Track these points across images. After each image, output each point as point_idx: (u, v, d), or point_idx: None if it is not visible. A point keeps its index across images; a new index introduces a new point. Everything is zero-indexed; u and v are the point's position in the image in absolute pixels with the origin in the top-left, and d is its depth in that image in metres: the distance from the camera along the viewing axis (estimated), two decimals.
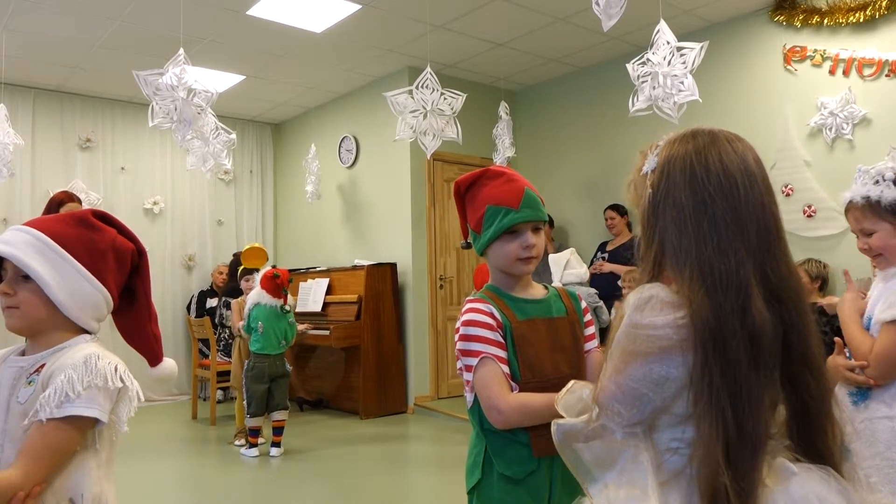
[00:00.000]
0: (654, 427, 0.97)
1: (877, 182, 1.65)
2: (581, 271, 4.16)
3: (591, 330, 1.57)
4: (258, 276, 4.65)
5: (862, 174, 1.71)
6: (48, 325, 1.25)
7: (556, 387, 1.38)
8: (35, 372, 1.23)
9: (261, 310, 4.51)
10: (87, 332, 1.29)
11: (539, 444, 1.37)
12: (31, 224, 1.26)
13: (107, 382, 1.21)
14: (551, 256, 4.27)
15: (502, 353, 1.39)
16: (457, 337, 1.46)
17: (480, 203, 1.50)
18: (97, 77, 6.14)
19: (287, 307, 4.60)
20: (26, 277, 1.21)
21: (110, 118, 6.80)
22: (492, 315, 1.42)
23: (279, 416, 4.57)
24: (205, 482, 4.12)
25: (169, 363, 1.42)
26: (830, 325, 3.36)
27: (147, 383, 5.77)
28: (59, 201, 4.72)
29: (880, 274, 1.71)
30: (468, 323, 1.42)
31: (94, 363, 1.21)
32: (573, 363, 1.47)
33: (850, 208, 1.73)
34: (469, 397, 1.46)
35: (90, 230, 1.28)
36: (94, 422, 1.20)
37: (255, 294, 4.56)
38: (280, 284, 4.53)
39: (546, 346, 1.44)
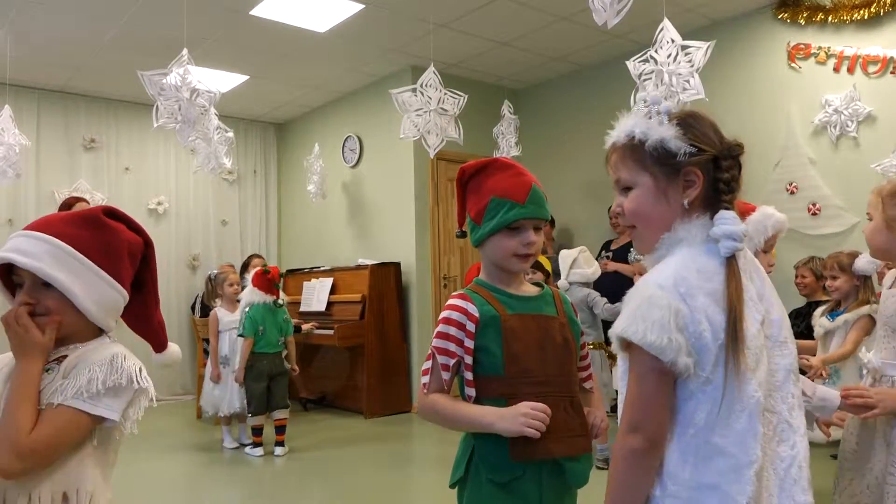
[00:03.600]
0: None
1: (649, 116, 1.12)
2: (588, 272, 4.10)
3: (586, 361, 1.54)
4: (249, 277, 4.69)
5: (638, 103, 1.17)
6: (72, 329, 1.25)
7: (541, 384, 1.38)
8: (54, 361, 1.23)
9: (257, 309, 4.52)
10: (103, 330, 1.30)
11: (516, 449, 1.33)
12: (41, 227, 1.23)
13: (131, 382, 1.22)
14: (561, 252, 4.24)
15: (466, 358, 1.40)
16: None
17: (485, 193, 1.46)
18: (101, 78, 6.15)
19: (280, 301, 4.61)
20: (46, 285, 1.20)
21: (114, 119, 6.81)
22: (464, 311, 1.41)
23: (280, 414, 4.57)
24: (209, 481, 4.13)
25: (174, 348, 1.43)
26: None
27: (153, 383, 5.75)
28: (69, 206, 4.80)
29: (646, 261, 1.18)
30: (446, 321, 1.43)
31: (119, 363, 1.22)
32: (562, 365, 1.42)
33: (610, 152, 1.19)
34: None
35: (104, 231, 1.26)
36: (102, 420, 1.20)
37: (248, 293, 4.57)
38: (271, 280, 4.55)
39: (535, 344, 1.40)
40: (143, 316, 1.37)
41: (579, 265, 4.12)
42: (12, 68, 5.67)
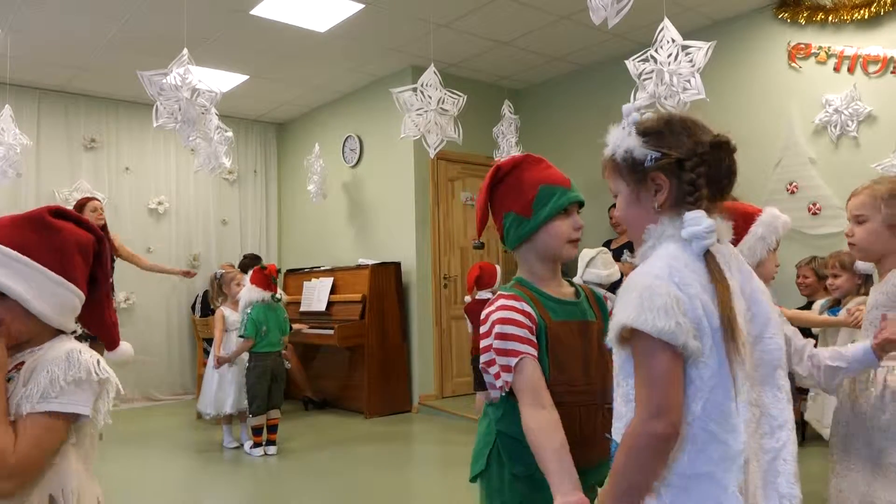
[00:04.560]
0: None
1: (623, 127, 1.21)
2: (603, 273, 4.04)
3: None
4: (246, 278, 4.68)
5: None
6: (28, 335, 1.25)
7: (584, 393, 1.38)
8: (13, 369, 1.22)
9: (259, 310, 4.52)
10: (62, 331, 1.29)
11: None
12: None
13: (90, 374, 1.21)
14: (582, 251, 4.20)
15: (535, 353, 1.34)
16: (485, 328, 1.38)
17: (530, 185, 1.44)
18: (102, 77, 6.16)
19: (279, 296, 4.63)
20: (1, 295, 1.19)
21: (115, 118, 6.81)
22: (527, 314, 1.37)
23: (274, 414, 4.61)
24: (209, 481, 4.13)
25: (125, 346, 1.42)
26: None
27: (154, 383, 5.78)
28: (81, 206, 4.85)
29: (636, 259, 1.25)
30: (505, 321, 1.35)
31: (76, 357, 1.22)
32: (602, 373, 1.42)
33: (603, 165, 1.26)
34: (495, 394, 1.40)
35: (52, 233, 1.25)
36: (76, 417, 1.20)
37: (247, 292, 4.57)
38: (269, 275, 4.56)
39: (578, 351, 1.40)
40: (96, 313, 1.36)
41: (596, 266, 4.07)
42: (12, 68, 5.67)
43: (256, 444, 4.56)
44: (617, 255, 5.18)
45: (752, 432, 1.07)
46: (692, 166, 1.11)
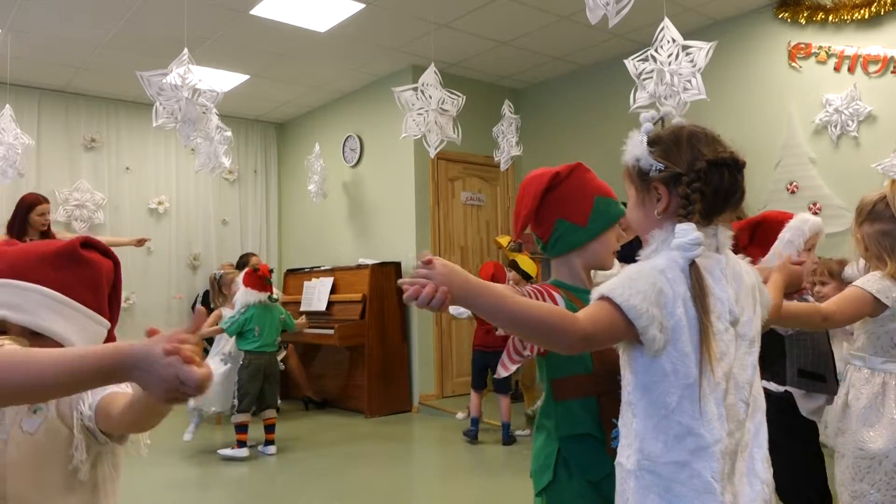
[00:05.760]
0: None
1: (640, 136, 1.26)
2: (606, 273, 4.12)
3: None
4: (239, 279, 4.68)
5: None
6: None
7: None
8: None
9: (253, 311, 4.52)
10: None
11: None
12: (23, 272, 1.17)
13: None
14: None
15: None
16: None
17: (588, 193, 1.48)
18: (102, 77, 6.16)
19: (275, 296, 4.63)
20: (35, 333, 1.16)
21: (115, 118, 6.81)
22: (553, 299, 1.40)
23: (270, 414, 4.60)
24: (209, 481, 4.13)
25: None
26: None
27: None
28: (29, 204, 4.55)
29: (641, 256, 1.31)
30: (535, 292, 1.40)
31: None
32: None
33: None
34: (513, 366, 1.42)
35: (87, 268, 1.24)
36: None
37: (242, 295, 4.56)
38: (262, 277, 4.56)
39: None
40: (108, 335, 1.33)
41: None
42: (13, 68, 5.67)
43: (241, 444, 4.46)
44: (627, 251, 5.19)
45: (740, 426, 1.16)
46: (688, 182, 1.17)
